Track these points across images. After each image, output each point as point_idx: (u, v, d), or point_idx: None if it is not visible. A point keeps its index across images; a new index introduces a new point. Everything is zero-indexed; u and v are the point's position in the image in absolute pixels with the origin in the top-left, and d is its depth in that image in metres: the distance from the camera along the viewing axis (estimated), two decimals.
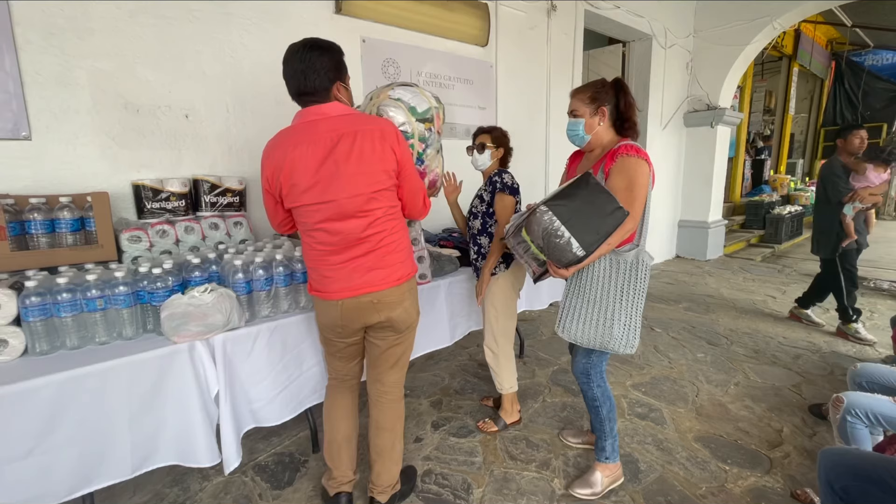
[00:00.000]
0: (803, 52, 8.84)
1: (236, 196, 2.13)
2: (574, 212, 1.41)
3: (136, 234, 1.81)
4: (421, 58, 2.95)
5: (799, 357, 2.95)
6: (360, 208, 1.34)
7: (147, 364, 1.45)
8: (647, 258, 1.56)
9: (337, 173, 1.29)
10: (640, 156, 1.50)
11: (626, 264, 1.55)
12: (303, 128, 1.34)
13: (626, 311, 1.56)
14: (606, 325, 1.57)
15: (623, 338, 1.57)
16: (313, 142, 1.30)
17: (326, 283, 1.42)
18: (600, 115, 1.59)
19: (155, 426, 1.49)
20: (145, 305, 1.59)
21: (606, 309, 1.57)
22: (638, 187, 1.49)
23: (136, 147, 1.96)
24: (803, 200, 8.31)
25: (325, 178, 1.29)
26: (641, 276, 1.56)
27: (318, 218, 1.35)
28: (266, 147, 1.39)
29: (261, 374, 1.72)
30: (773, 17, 4.86)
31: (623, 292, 1.56)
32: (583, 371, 1.73)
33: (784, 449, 2.02)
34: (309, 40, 1.36)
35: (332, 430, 1.65)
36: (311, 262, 1.46)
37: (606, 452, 1.77)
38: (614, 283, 1.56)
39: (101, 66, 1.84)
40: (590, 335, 1.59)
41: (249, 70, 2.23)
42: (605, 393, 1.74)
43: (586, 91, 1.61)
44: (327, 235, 1.36)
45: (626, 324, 1.57)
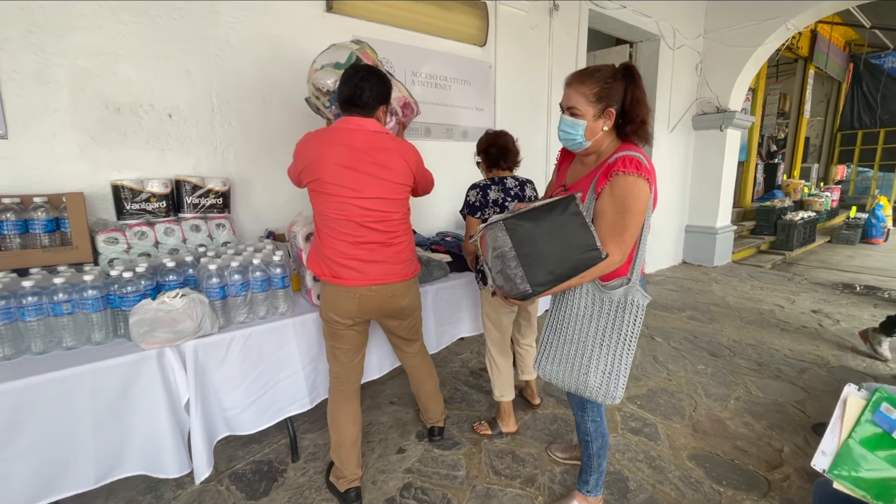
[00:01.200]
0: (819, 53, 8.62)
1: (220, 197, 2.08)
2: (533, 238, 1.15)
3: (113, 236, 1.78)
4: (416, 57, 2.89)
5: (805, 371, 2.83)
6: (379, 209, 1.54)
7: (112, 371, 1.41)
8: (639, 298, 1.28)
9: (362, 174, 1.49)
10: (640, 173, 1.20)
11: (612, 304, 1.30)
12: (341, 132, 1.52)
13: (606, 358, 1.32)
14: (582, 371, 1.35)
15: (601, 387, 1.33)
16: (347, 145, 1.49)
17: (344, 271, 1.55)
18: (606, 118, 1.27)
19: (121, 435, 1.45)
20: (116, 310, 1.56)
21: (584, 353, 1.34)
22: (631, 214, 1.22)
23: (116, 147, 1.93)
24: (817, 206, 8.09)
25: (352, 176, 1.49)
26: (630, 320, 1.29)
27: (341, 210, 1.51)
28: (306, 136, 1.56)
29: (235, 381, 1.67)
30: (787, 17, 4.71)
31: (605, 336, 1.32)
32: (578, 404, 1.55)
33: (784, 471, 1.92)
34: (372, 68, 1.58)
35: (340, 435, 1.71)
36: (328, 249, 1.56)
37: (589, 486, 1.63)
38: (595, 323, 1.32)
39: (82, 64, 1.81)
40: (564, 378, 1.39)
41: (235, 69, 2.19)
42: (598, 429, 1.55)
43: (591, 83, 1.25)
44: (349, 227, 1.52)
45: (605, 371, 1.32)
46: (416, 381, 1.99)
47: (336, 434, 1.71)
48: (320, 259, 1.59)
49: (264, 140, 2.34)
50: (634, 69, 1.28)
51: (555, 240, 1.17)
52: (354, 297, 1.57)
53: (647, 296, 1.30)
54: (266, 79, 2.29)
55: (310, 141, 1.53)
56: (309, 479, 1.87)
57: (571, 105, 1.29)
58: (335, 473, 1.77)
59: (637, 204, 1.23)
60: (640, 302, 1.29)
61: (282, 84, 2.35)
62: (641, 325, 1.32)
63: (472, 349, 3.16)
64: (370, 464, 1.96)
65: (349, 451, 1.71)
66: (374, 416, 2.34)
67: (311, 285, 1.87)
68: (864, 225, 7.65)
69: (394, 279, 1.62)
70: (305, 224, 1.87)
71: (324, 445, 2.09)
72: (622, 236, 1.23)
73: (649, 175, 1.24)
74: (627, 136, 1.31)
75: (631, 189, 1.22)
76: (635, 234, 1.25)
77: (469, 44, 3.15)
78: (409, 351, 1.92)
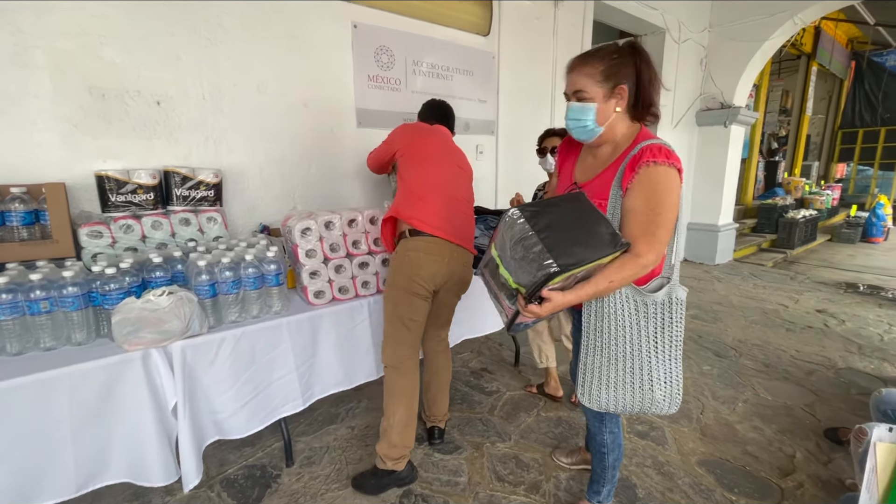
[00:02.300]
0: (823, 51, 8.53)
1: (211, 189, 1.98)
2: (554, 222, 1.05)
3: (96, 229, 1.68)
4: (417, 46, 2.78)
5: (812, 373, 2.76)
6: (465, 186, 1.87)
7: (93, 374, 1.32)
8: (680, 293, 1.18)
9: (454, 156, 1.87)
10: (671, 163, 1.09)
11: (657, 306, 1.18)
12: (433, 130, 1.89)
13: (664, 365, 1.20)
14: (646, 388, 1.20)
15: (667, 398, 1.21)
16: (440, 137, 1.88)
17: (441, 221, 1.69)
18: (618, 96, 1.15)
19: (103, 441, 1.36)
20: (98, 308, 1.46)
21: (641, 368, 1.20)
22: (665, 208, 1.09)
23: (101, 135, 1.82)
24: (818, 204, 8.05)
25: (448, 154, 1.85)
26: (677, 318, 1.18)
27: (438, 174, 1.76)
28: (405, 125, 1.92)
29: (225, 383, 1.59)
30: (794, 12, 4.62)
31: (658, 342, 1.19)
32: (595, 415, 1.45)
33: (797, 478, 1.85)
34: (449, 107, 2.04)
35: (410, 410, 1.73)
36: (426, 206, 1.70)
37: (601, 497, 1.56)
38: (645, 332, 1.19)
39: (62, 45, 1.70)
40: (626, 401, 1.23)
41: (227, 55, 2.08)
42: (615, 440, 1.48)
43: (597, 62, 1.14)
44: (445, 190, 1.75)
45: (667, 380, 1.21)
46: (432, 370, 1.98)
47: (405, 410, 1.71)
48: (412, 209, 1.69)
49: (258, 130, 2.23)
50: (640, 45, 1.17)
51: (578, 224, 1.06)
52: (444, 257, 1.68)
53: (684, 287, 1.19)
54: (260, 66, 2.18)
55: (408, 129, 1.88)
56: (304, 486, 1.79)
57: (578, 89, 1.17)
58: (387, 454, 1.71)
59: (670, 198, 1.10)
60: (682, 297, 1.18)
61: (277, 72, 2.25)
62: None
63: (473, 349, 3.08)
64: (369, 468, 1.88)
65: (412, 426, 1.75)
66: (371, 417, 2.26)
67: (307, 282, 1.78)
68: (864, 224, 7.62)
69: (469, 247, 1.80)
70: (301, 218, 1.78)
71: (319, 449, 2.01)
72: (655, 235, 1.10)
73: (679, 163, 1.12)
74: (640, 117, 1.19)
75: (663, 181, 1.09)
76: (669, 231, 1.12)
77: (472, 33, 3.04)
78: (440, 336, 1.97)
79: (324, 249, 1.81)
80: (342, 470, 1.88)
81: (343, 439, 2.09)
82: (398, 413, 1.70)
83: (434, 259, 1.67)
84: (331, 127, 2.48)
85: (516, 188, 2.65)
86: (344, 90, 2.50)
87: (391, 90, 2.71)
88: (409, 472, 1.77)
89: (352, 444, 2.05)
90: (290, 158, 2.36)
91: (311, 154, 2.44)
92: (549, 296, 1.04)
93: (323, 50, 2.39)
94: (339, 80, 2.48)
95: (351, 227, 1.87)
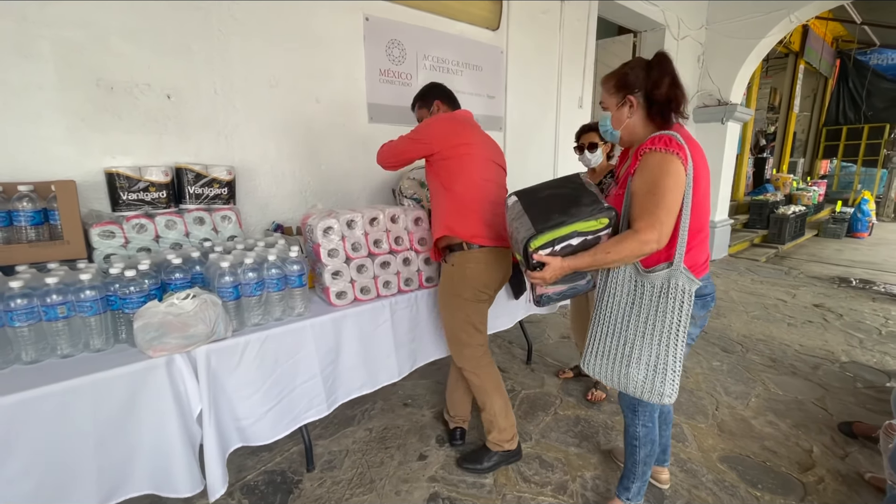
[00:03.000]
0: (811, 49, 8.69)
1: (224, 187, 1.91)
2: (541, 199, 1.29)
3: (108, 229, 1.60)
4: (428, 40, 2.73)
5: (818, 367, 2.81)
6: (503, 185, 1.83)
7: (116, 382, 1.25)
8: (684, 282, 1.19)
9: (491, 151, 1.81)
10: (669, 149, 1.17)
11: (654, 289, 1.23)
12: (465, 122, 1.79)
13: (650, 349, 1.24)
14: (623, 363, 1.29)
15: (646, 382, 1.26)
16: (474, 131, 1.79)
17: (503, 234, 1.67)
18: (628, 105, 1.29)
19: (126, 452, 1.30)
20: (117, 312, 1.39)
21: (625, 343, 1.29)
22: (662, 191, 1.17)
23: (109, 130, 1.73)
24: (805, 200, 8.22)
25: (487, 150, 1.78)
26: (674, 307, 1.20)
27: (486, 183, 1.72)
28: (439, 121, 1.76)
29: (249, 388, 1.53)
30: (791, 10, 4.68)
31: (647, 325, 1.24)
32: (629, 405, 1.49)
33: (817, 472, 1.87)
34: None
35: (504, 397, 1.83)
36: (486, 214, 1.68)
37: (630, 493, 1.56)
38: (636, 311, 1.26)
39: (69, 35, 1.61)
40: (607, 372, 1.34)
41: (239, 47, 2.00)
42: (649, 434, 1.48)
43: (611, 77, 1.32)
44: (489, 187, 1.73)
45: (650, 364, 1.25)
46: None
47: (500, 397, 1.81)
48: (470, 224, 1.67)
49: (270, 126, 2.16)
50: (662, 54, 1.27)
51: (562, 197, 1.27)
52: (500, 262, 1.72)
53: (695, 281, 1.21)
54: (272, 59, 2.11)
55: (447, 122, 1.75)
56: (327, 491, 1.75)
57: (602, 101, 1.37)
58: (501, 438, 1.82)
59: (667, 180, 1.17)
60: (685, 287, 1.20)
61: (289, 65, 2.18)
62: (690, 313, 1.21)
63: None
64: (391, 472, 1.85)
65: (510, 405, 1.85)
66: (388, 419, 2.22)
67: (329, 283, 1.73)
68: (849, 219, 7.81)
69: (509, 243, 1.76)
70: (322, 217, 1.73)
71: (339, 452, 1.97)
72: (655, 214, 1.17)
73: (681, 151, 1.18)
74: (656, 118, 1.28)
75: (659, 165, 1.19)
76: (671, 212, 1.18)
77: (482, 27, 3.00)
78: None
79: (346, 249, 1.76)
80: (365, 474, 1.84)
81: (362, 442, 2.05)
82: (495, 403, 1.81)
83: (495, 267, 1.72)
84: (343, 122, 2.42)
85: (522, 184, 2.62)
86: (355, 85, 2.44)
87: (402, 85, 2.65)
88: (517, 451, 1.88)
89: (371, 447, 2.01)
90: (302, 155, 2.30)
91: (323, 150, 2.37)
92: (546, 261, 1.25)
93: (335, 43, 2.33)
94: (350, 75, 2.42)
95: (372, 225, 1.82)
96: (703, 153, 1.27)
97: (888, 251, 6.56)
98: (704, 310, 1.36)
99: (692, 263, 1.25)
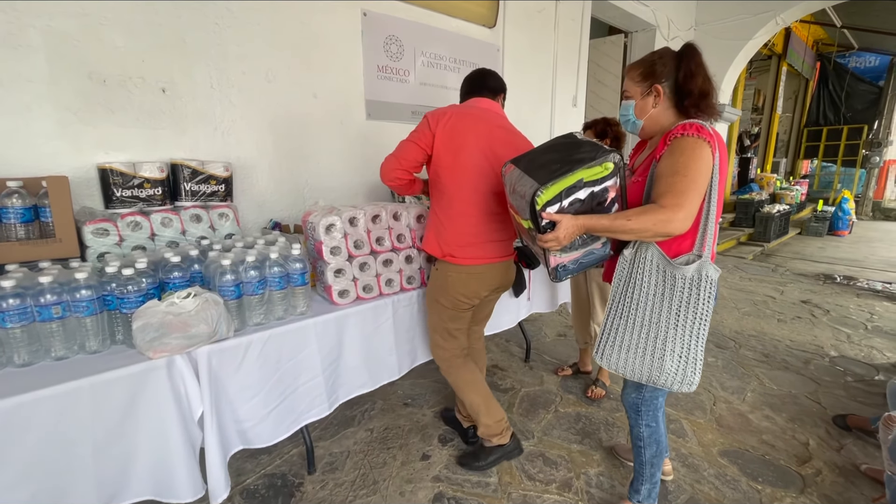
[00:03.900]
0: (793, 52, 8.89)
1: (221, 184, 1.87)
2: (536, 156, 1.29)
3: (102, 227, 1.55)
4: (425, 36, 2.71)
5: (809, 362, 2.87)
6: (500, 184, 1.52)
7: (115, 384, 1.21)
8: (711, 271, 1.20)
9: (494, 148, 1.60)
10: (700, 135, 1.15)
11: (685, 280, 1.21)
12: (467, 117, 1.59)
13: (682, 340, 1.23)
14: (657, 357, 1.25)
15: (678, 373, 1.24)
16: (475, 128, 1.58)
17: (481, 249, 1.62)
18: (654, 94, 1.27)
19: (126, 457, 1.25)
20: (114, 312, 1.35)
21: (657, 336, 1.25)
22: (691, 171, 1.14)
23: (102, 124, 1.68)
24: (788, 199, 8.40)
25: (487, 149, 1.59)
26: (705, 296, 1.19)
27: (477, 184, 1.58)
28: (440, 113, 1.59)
29: (252, 390, 1.50)
30: (777, 12, 4.77)
31: (680, 316, 1.22)
32: (632, 405, 1.48)
33: (814, 465, 1.90)
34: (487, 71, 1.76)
35: (479, 394, 1.80)
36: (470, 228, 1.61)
37: (640, 496, 1.55)
38: (668, 303, 1.23)
39: (60, 26, 1.55)
40: (635, 367, 1.30)
41: (235, 40, 1.95)
42: (653, 434, 1.47)
43: (638, 66, 1.30)
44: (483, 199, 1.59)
45: (682, 355, 1.23)
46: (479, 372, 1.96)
47: (475, 394, 1.78)
48: (447, 241, 1.63)
49: (267, 121, 2.12)
50: (691, 46, 1.25)
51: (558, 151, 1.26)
52: (485, 277, 1.66)
53: (717, 269, 1.22)
54: (269, 53, 2.07)
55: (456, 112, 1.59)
56: (329, 493, 1.72)
57: (624, 89, 1.36)
58: (488, 433, 1.80)
59: (695, 164, 1.15)
60: (713, 276, 1.20)
61: (286, 59, 2.14)
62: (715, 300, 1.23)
63: None
64: (394, 473, 1.83)
65: (492, 401, 1.81)
66: (389, 419, 2.20)
67: (332, 281, 1.70)
68: (831, 218, 8.01)
69: (508, 254, 1.70)
70: (324, 214, 1.69)
71: (340, 454, 1.94)
72: (685, 194, 1.13)
73: (711, 139, 1.16)
74: (687, 111, 1.25)
75: (692, 149, 1.16)
76: (697, 196, 1.15)
77: (478, 24, 2.99)
78: (479, 329, 1.99)
79: (348, 246, 1.73)
80: (367, 475, 1.82)
81: (363, 443, 2.02)
82: (472, 400, 1.79)
83: (478, 279, 1.67)
84: (340, 119, 2.38)
85: None
86: (353, 80, 2.41)
87: (399, 81, 2.62)
88: (515, 445, 1.84)
89: (373, 448, 1.98)
90: (300, 151, 2.26)
91: (321, 147, 2.34)
92: (556, 219, 1.17)
93: (332, 37, 2.29)
94: (348, 70, 2.38)
95: (375, 222, 1.80)
96: (724, 145, 1.27)
97: (868, 248, 6.74)
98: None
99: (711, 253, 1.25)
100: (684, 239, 1.23)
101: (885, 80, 9.70)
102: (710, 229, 1.21)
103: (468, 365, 1.83)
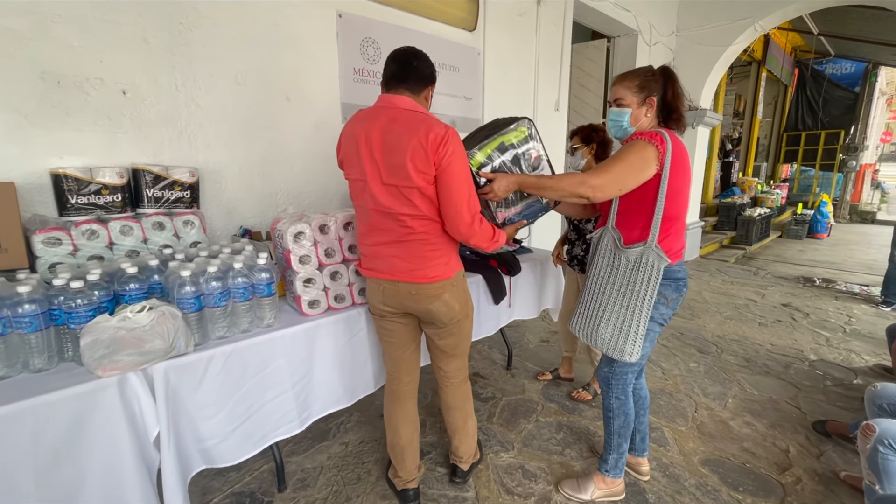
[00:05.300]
0: (772, 58, 9.06)
1: (187, 190, 1.79)
2: (469, 137, 1.57)
3: (54, 236, 1.46)
4: (403, 39, 2.64)
5: (789, 366, 2.87)
6: (392, 196, 1.34)
7: (59, 406, 1.13)
8: (654, 259, 1.39)
9: (371, 157, 1.34)
10: (651, 140, 1.36)
11: (629, 262, 1.44)
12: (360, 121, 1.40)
13: (619, 313, 1.46)
14: (594, 322, 1.52)
15: (612, 340, 1.47)
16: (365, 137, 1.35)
17: (369, 262, 1.51)
18: (648, 105, 1.44)
19: (72, 484, 1.17)
20: (61, 328, 1.26)
21: (598, 305, 1.52)
22: (620, 157, 1.37)
23: (56, 127, 1.59)
24: (770, 203, 8.54)
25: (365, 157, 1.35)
26: (642, 279, 1.40)
27: (360, 195, 1.43)
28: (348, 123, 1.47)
29: (214, 407, 1.42)
30: (756, 18, 4.84)
31: (620, 292, 1.46)
32: (604, 378, 1.65)
33: (794, 472, 1.89)
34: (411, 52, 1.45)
35: (395, 436, 1.66)
36: (358, 237, 1.55)
37: (608, 465, 1.69)
38: (612, 280, 1.48)
39: (9, 24, 1.47)
40: (582, 329, 1.58)
41: (202, 41, 1.88)
42: (622, 407, 1.63)
43: (634, 78, 1.45)
44: (366, 214, 1.44)
45: (617, 325, 1.46)
46: (443, 406, 1.76)
47: (390, 433, 1.68)
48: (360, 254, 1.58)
49: (237, 125, 2.05)
50: (672, 71, 1.47)
51: (486, 128, 1.57)
52: (379, 288, 1.51)
53: (664, 258, 1.39)
54: (239, 54, 2.00)
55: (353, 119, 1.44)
56: None
57: (618, 97, 1.47)
58: (392, 472, 1.74)
59: (630, 155, 1.36)
60: (654, 263, 1.39)
61: (257, 62, 2.07)
62: (657, 287, 1.40)
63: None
64: (368, 489, 1.76)
65: (403, 451, 1.66)
66: (365, 431, 2.13)
67: (301, 291, 1.63)
68: (810, 221, 8.15)
69: (417, 279, 1.42)
70: (293, 221, 1.63)
71: (312, 469, 1.87)
72: (607, 168, 1.37)
73: (661, 144, 1.36)
74: (668, 123, 1.47)
75: (631, 146, 1.38)
76: (618, 174, 1.36)
77: (458, 27, 2.95)
78: (443, 367, 1.68)
79: (318, 255, 1.67)
80: (340, 491, 1.75)
81: (337, 457, 1.95)
82: (386, 432, 1.70)
83: (374, 287, 1.52)
84: (315, 122, 2.32)
85: None
86: (328, 83, 2.35)
87: (377, 84, 2.56)
88: (408, 498, 1.67)
89: (347, 463, 1.92)
90: (272, 156, 2.18)
91: (294, 151, 2.27)
92: (491, 177, 1.44)
93: (306, 39, 2.23)
94: (323, 73, 2.32)
95: (347, 230, 1.74)
96: (685, 152, 1.43)
97: (846, 251, 6.87)
98: (677, 293, 1.50)
99: (668, 249, 1.41)
100: (634, 228, 1.44)
101: (860, 87, 9.94)
102: (657, 221, 1.38)
103: (399, 404, 1.66)
